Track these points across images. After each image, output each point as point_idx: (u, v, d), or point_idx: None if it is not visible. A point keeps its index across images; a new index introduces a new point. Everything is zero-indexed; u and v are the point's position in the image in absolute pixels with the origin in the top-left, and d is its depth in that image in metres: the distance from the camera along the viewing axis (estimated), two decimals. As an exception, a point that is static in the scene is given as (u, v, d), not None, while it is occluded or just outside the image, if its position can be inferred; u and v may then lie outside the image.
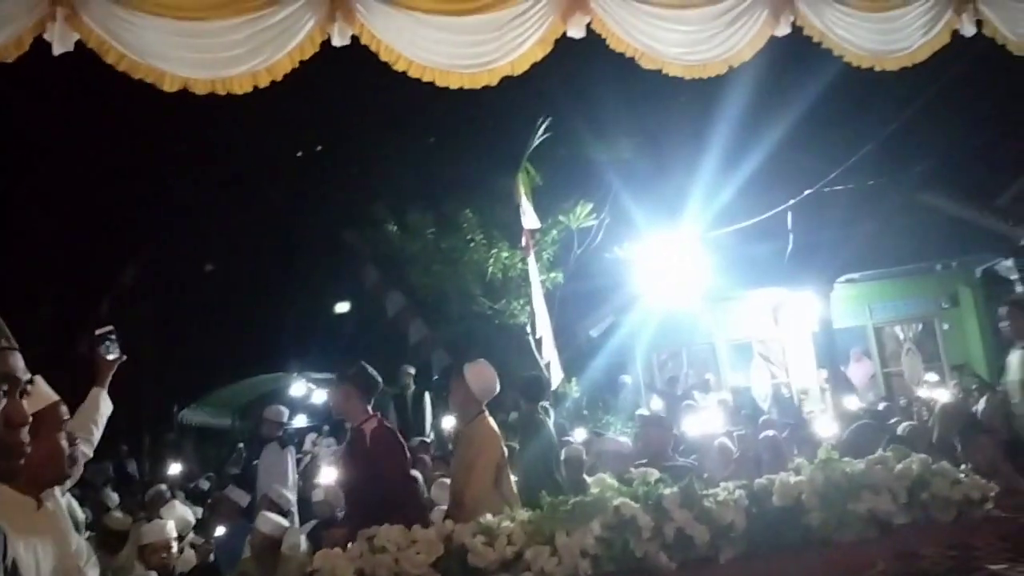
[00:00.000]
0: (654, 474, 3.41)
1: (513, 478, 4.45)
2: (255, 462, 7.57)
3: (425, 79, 4.14)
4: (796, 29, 4.60)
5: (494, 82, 4.24)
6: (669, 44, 4.41)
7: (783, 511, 3.13)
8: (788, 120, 9.53)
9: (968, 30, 4.85)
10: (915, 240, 11.29)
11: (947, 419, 5.87)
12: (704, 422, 7.69)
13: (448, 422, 9.06)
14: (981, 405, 6.75)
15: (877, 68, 4.84)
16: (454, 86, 4.19)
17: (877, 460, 3.39)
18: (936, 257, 12.14)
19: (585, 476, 5.18)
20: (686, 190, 10.07)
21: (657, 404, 10.40)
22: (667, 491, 3.06)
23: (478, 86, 4.23)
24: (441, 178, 10.94)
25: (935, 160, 10.71)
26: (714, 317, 12.55)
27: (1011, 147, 11.00)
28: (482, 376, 4.40)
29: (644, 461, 5.20)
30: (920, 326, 13.13)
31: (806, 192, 10.07)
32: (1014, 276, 11.76)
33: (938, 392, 9.09)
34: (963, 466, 3.52)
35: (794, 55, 5.21)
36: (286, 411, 7.96)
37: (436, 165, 11.46)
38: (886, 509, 3.16)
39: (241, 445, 11.45)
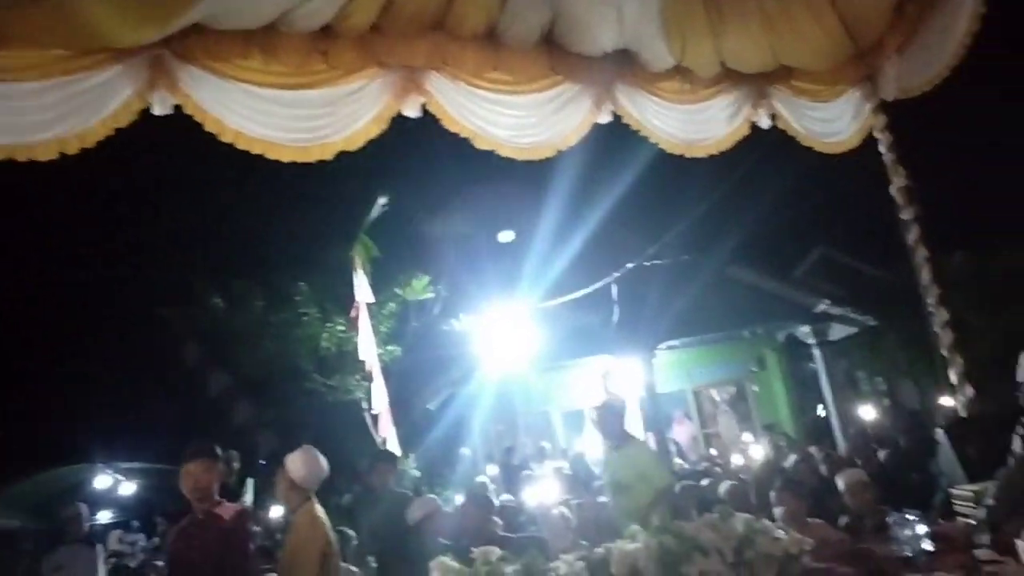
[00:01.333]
0: (495, 552, 3.36)
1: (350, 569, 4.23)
2: (56, 570, 6.61)
3: (254, 151, 4.01)
4: (617, 118, 4.97)
5: (328, 156, 4.19)
6: (500, 127, 4.59)
7: (622, 580, 3.16)
8: (613, 199, 10.19)
9: (764, 123, 5.49)
10: (726, 309, 12.26)
11: (763, 477, 6.30)
12: (542, 491, 7.74)
13: (275, 511, 8.48)
14: (790, 461, 7.32)
15: (688, 155, 5.31)
16: (285, 159, 4.09)
17: (705, 522, 3.54)
18: (744, 324, 13.26)
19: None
20: (520, 264, 10.41)
21: (493, 471, 10.39)
22: (510, 569, 3.01)
23: (311, 160, 4.16)
24: (271, 250, 10.52)
25: (741, 237, 11.80)
26: (548, 386, 12.83)
27: (802, 225, 12.36)
28: (302, 464, 4.19)
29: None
30: (734, 389, 14.19)
31: (628, 266, 10.71)
32: (811, 340, 13.05)
33: (753, 451, 9.76)
34: (778, 520, 3.76)
35: (619, 139, 5.59)
36: (84, 506, 7.06)
37: (266, 236, 11.03)
38: (716, 570, 3.28)
39: (30, 548, 10.06)
